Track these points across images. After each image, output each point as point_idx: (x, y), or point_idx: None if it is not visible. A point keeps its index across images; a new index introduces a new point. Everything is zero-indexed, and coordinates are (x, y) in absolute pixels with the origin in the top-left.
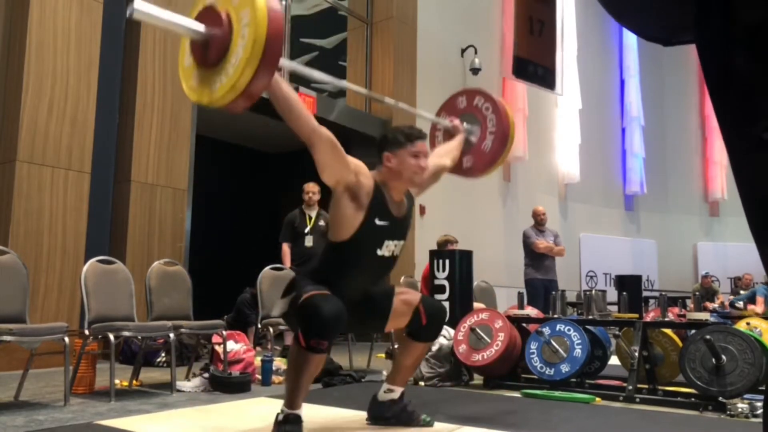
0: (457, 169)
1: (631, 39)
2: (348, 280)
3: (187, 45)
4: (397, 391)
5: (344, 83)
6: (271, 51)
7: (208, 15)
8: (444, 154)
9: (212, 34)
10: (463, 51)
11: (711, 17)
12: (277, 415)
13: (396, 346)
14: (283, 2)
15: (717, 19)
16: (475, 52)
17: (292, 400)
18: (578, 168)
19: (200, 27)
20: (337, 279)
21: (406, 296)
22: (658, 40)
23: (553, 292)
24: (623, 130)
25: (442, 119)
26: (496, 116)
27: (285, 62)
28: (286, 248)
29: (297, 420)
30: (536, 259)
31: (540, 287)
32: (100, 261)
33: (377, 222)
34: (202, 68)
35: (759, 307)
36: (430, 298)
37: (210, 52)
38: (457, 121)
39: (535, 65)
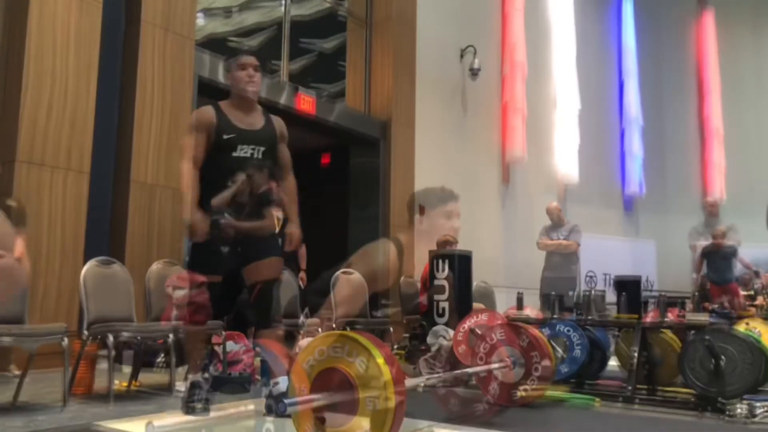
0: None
1: (629, 40)
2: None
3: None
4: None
5: None
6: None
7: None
8: None
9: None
10: (462, 52)
11: None
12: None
13: (395, 347)
14: (282, 4)
15: None
16: (475, 53)
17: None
18: (577, 169)
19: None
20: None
21: (276, 269)
22: None
23: (552, 293)
24: (622, 131)
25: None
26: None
27: None
28: None
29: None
30: (546, 256)
31: (547, 285)
32: (99, 261)
33: (224, 137)
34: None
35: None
36: (271, 288)
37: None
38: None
39: None
